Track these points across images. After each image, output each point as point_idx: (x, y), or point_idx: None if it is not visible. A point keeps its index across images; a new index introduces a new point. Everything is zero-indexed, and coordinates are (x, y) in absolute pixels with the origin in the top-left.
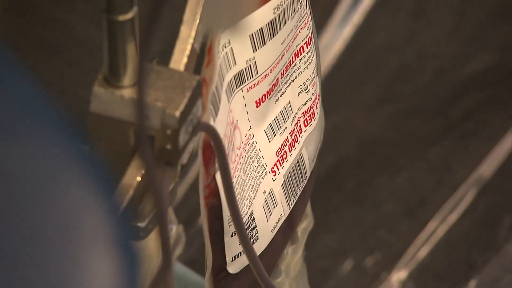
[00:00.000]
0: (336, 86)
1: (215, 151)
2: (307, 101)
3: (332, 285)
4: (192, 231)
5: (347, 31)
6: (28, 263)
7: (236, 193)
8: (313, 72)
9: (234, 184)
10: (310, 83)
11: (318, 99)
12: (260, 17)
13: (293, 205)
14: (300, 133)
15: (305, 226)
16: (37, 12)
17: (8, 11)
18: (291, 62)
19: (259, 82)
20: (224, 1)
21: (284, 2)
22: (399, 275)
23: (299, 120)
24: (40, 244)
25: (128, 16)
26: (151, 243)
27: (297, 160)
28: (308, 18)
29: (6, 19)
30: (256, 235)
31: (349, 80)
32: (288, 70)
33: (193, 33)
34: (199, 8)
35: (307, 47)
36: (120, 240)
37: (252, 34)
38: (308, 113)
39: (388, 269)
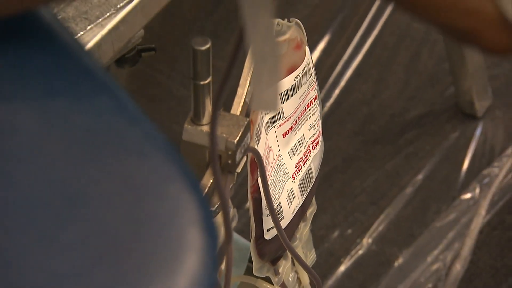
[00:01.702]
0: (329, 125)
1: (257, 164)
2: (314, 134)
3: (326, 247)
4: (241, 212)
5: (336, 92)
6: (147, 238)
7: (270, 190)
8: (318, 116)
9: (269, 185)
10: (316, 123)
11: (320, 133)
12: (286, 83)
13: (304, 198)
14: (310, 154)
15: (311, 210)
16: (147, 78)
17: (128, 80)
18: (304, 110)
19: (285, 122)
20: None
21: (300, 74)
22: (367, 240)
23: (309, 146)
24: (158, 220)
25: (206, 81)
26: (218, 220)
27: (308, 171)
28: (315, 83)
29: (127, 85)
30: (282, 216)
31: (337, 121)
32: (303, 115)
33: (245, 92)
34: (249, 76)
35: (314, 101)
36: (207, 218)
37: (281, 93)
38: (314, 142)
39: (360, 237)
